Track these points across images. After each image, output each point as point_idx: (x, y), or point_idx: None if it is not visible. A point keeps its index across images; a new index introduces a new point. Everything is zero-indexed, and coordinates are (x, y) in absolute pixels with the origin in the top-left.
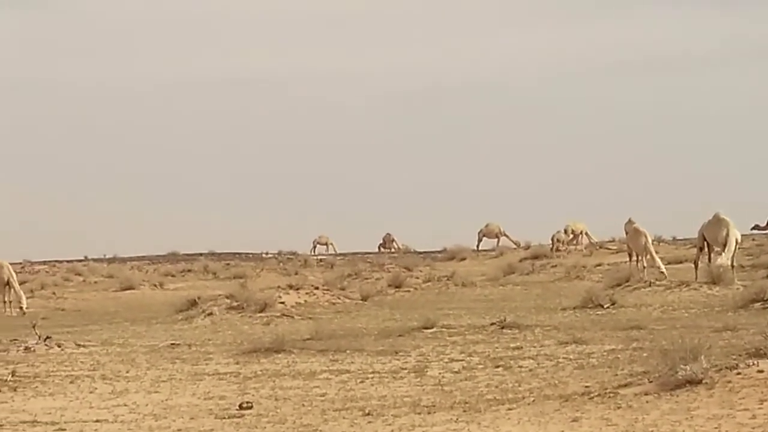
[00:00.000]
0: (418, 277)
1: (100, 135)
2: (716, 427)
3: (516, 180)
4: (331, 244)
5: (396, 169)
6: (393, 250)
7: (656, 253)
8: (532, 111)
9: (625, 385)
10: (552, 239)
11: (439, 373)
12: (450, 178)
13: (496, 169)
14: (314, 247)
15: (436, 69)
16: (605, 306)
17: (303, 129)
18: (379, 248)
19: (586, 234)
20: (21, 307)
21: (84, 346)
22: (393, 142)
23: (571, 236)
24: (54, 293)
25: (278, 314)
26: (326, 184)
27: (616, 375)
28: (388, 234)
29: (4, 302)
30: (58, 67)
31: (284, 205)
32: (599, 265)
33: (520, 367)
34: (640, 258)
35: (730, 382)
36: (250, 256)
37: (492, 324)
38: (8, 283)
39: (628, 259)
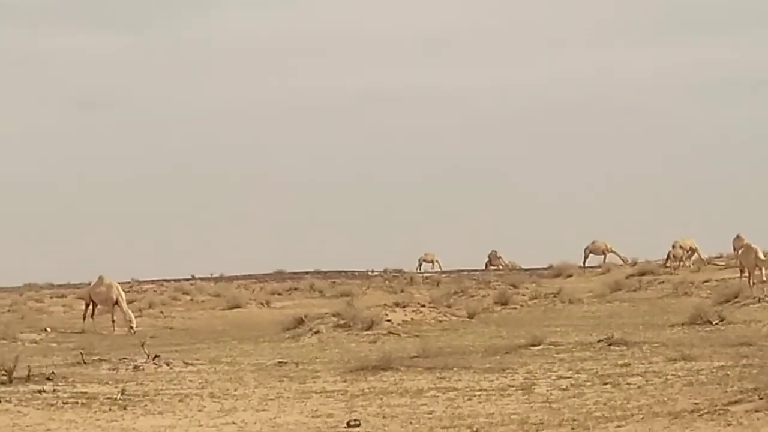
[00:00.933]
0: (524, 294)
1: (213, 156)
2: None
3: (622, 196)
4: (437, 261)
5: (502, 186)
6: (499, 267)
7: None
8: (640, 126)
9: (735, 402)
10: (668, 254)
11: (547, 391)
12: (556, 195)
13: (602, 184)
14: (420, 264)
15: (544, 86)
16: (714, 322)
17: (408, 143)
18: (485, 266)
19: (695, 250)
20: (131, 327)
21: (192, 364)
22: (499, 160)
23: (685, 252)
24: (162, 312)
25: (385, 332)
26: (432, 202)
27: (726, 392)
28: (493, 251)
29: (113, 321)
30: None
31: (390, 222)
32: (707, 281)
33: (629, 384)
34: (750, 273)
35: None
36: (356, 274)
37: (599, 341)
38: (117, 302)
39: (738, 274)
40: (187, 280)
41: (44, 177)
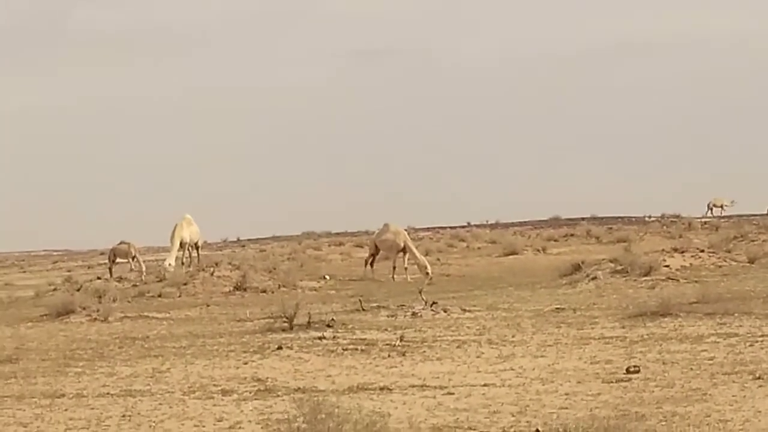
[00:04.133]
0: None
1: (486, 105)
2: None
3: None
4: (727, 205)
5: None
6: None
7: None
8: None
9: None
10: None
11: None
12: None
13: None
14: (710, 209)
15: None
16: None
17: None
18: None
19: None
20: (426, 273)
21: (469, 311)
22: None
23: None
24: (438, 259)
25: (663, 278)
26: (709, 146)
27: None
28: None
29: (394, 268)
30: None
31: (669, 167)
32: None
33: None
34: None
35: None
36: (633, 219)
37: None
38: (404, 249)
39: None
40: (463, 227)
41: (320, 128)
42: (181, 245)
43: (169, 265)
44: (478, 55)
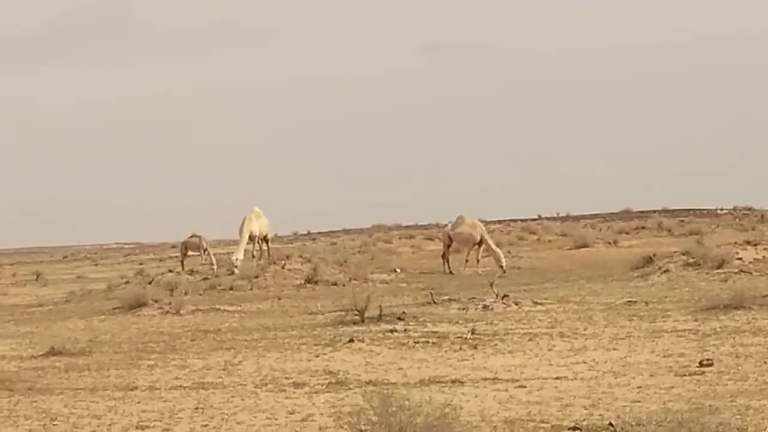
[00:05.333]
0: None
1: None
2: None
3: None
4: None
5: None
6: None
7: None
8: None
9: None
10: None
11: None
12: None
13: None
14: None
15: None
16: None
17: None
18: None
19: None
20: (500, 265)
21: (541, 303)
22: None
23: None
24: (509, 252)
25: (736, 270)
26: None
27: None
28: None
29: (466, 261)
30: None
31: (741, 160)
32: None
33: None
34: None
35: None
36: (704, 212)
37: None
38: (481, 242)
39: None
40: (534, 219)
41: (391, 119)
42: (251, 238)
43: (236, 259)
44: (548, 46)
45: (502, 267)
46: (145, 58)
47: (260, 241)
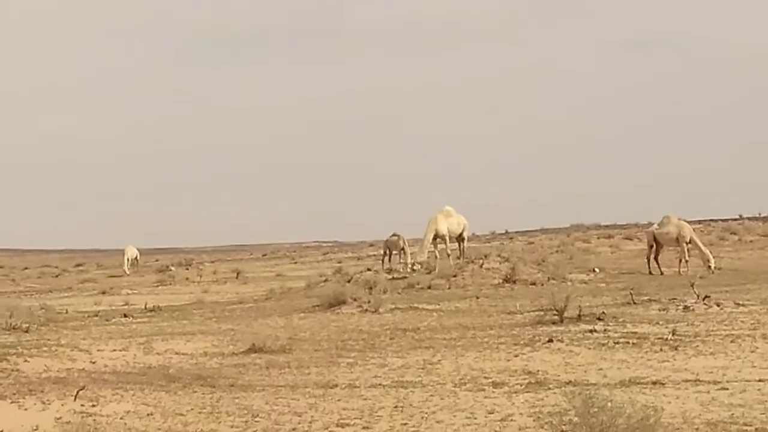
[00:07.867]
0: None
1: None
2: None
3: None
4: None
5: None
6: None
7: None
8: None
9: None
10: None
11: None
12: None
13: None
14: None
15: None
16: None
17: None
18: None
19: None
20: (708, 266)
21: (743, 305)
22: None
23: None
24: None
25: None
26: None
27: None
28: None
29: (679, 262)
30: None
31: None
32: None
33: None
34: None
35: None
36: None
37: None
38: (690, 241)
39: None
40: (735, 219)
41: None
42: (441, 238)
43: (413, 262)
44: (741, 42)
45: (710, 268)
46: (352, 58)
47: (456, 240)
